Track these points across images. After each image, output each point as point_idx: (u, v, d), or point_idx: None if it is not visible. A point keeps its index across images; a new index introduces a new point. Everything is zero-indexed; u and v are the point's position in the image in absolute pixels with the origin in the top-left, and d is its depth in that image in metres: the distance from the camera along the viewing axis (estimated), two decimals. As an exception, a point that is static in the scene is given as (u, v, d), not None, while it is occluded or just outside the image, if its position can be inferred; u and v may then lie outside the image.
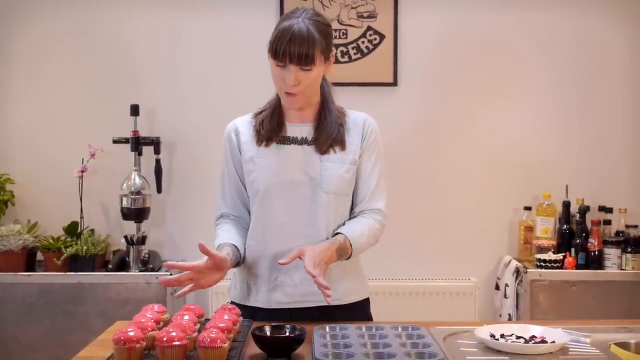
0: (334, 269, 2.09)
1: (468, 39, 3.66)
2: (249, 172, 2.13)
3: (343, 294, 2.12)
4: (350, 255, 2.08)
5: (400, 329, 1.89)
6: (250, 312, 2.12)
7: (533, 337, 1.87)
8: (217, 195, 2.23)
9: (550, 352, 1.78)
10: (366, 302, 2.22)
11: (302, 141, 2.12)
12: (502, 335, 1.87)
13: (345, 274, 2.13)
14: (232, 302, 2.19)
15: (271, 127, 2.11)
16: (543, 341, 1.83)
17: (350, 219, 2.16)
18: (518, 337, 1.87)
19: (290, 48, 1.97)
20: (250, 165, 2.13)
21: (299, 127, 2.13)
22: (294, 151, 2.11)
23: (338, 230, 2.09)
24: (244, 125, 2.18)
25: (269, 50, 2.04)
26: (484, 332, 1.87)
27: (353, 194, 2.17)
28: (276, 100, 2.16)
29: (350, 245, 2.06)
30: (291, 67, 2.00)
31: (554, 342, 1.81)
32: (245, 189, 2.17)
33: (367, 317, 2.20)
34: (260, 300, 2.13)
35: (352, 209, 2.18)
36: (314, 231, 2.07)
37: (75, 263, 3.34)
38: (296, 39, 1.97)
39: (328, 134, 2.10)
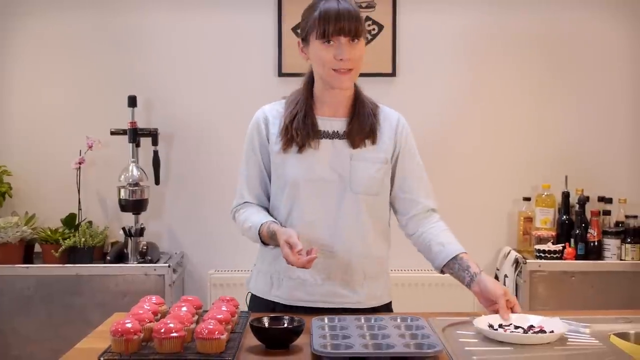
0: (356, 274, 2.09)
1: (466, 29, 3.65)
2: (277, 165, 2.10)
3: (364, 298, 2.11)
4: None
5: (399, 320, 1.89)
6: (270, 306, 2.11)
7: (531, 326, 1.87)
8: (239, 183, 2.17)
9: (549, 342, 1.78)
10: (388, 305, 2.20)
11: (334, 135, 2.09)
12: (500, 326, 1.87)
13: (369, 278, 2.11)
14: (252, 295, 2.17)
15: (306, 133, 2.06)
16: (542, 331, 1.83)
17: (425, 224, 2.21)
18: (516, 327, 1.87)
19: (341, 21, 1.99)
20: (278, 159, 2.09)
21: (330, 120, 2.10)
22: (324, 146, 2.07)
23: (462, 252, 2.17)
24: (274, 116, 2.13)
25: (312, 33, 2.01)
26: (482, 322, 1.87)
27: (408, 197, 2.17)
28: (305, 98, 2.11)
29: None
30: (342, 40, 2.00)
31: (552, 331, 1.81)
32: (270, 179, 2.14)
33: None
34: (281, 295, 2.11)
35: (394, 208, 2.20)
36: (340, 230, 2.06)
37: (73, 255, 3.33)
38: (344, 12, 1.99)
39: (362, 126, 2.09)
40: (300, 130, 2.06)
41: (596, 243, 3.41)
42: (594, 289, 3.35)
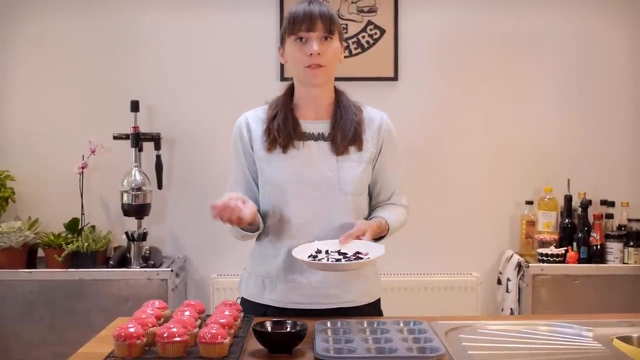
0: (349, 273, 2.08)
1: (468, 33, 3.65)
2: (263, 170, 2.11)
3: (358, 295, 2.13)
4: (382, 238, 2.12)
5: (402, 324, 1.89)
6: (261, 309, 2.11)
7: (357, 253, 1.94)
8: (227, 189, 2.19)
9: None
10: (378, 301, 2.22)
11: (319, 137, 2.10)
12: (326, 252, 1.95)
13: (361, 276, 2.12)
14: (243, 299, 2.17)
15: (288, 133, 2.08)
16: (357, 258, 1.91)
17: (376, 208, 2.20)
18: (341, 254, 1.94)
19: (310, 18, 2.02)
20: (264, 164, 2.11)
21: (313, 123, 2.11)
22: (310, 149, 2.09)
23: (380, 215, 2.13)
24: (255, 121, 2.15)
25: (285, 34, 2.07)
26: (312, 247, 1.97)
27: (376, 190, 2.20)
28: (285, 101, 2.13)
29: (388, 229, 2.11)
30: (312, 36, 2.02)
31: (368, 257, 1.90)
32: (257, 184, 2.15)
33: (379, 315, 2.20)
34: (274, 298, 2.11)
35: (369, 203, 2.21)
36: (331, 231, 2.06)
37: (76, 259, 3.33)
38: (314, 11, 2.03)
39: (344, 133, 2.09)
40: (281, 130, 2.09)
41: (599, 246, 3.40)
42: (597, 292, 3.34)
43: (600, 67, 3.67)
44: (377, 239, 2.11)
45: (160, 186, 3.57)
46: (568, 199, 3.52)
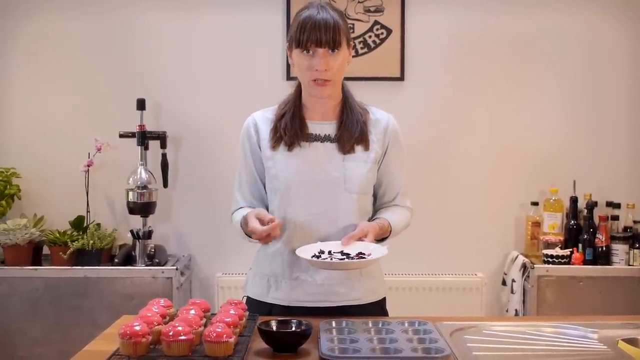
0: (355, 271, 2.09)
1: (475, 33, 3.64)
2: (269, 169, 2.12)
3: (363, 294, 2.13)
4: (384, 239, 2.13)
5: (407, 324, 1.89)
6: (267, 308, 2.11)
7: (359, 254, 1.95)
8: (234, 190, 2.22)
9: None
10: (383, 300, 2.23)
11: (325, 138, 2.11)
12: (329, 252, 1.96)
13: (366, 274, 2.13)
14: (249, 298, 2.18)
15: (294, 132, 2.09)
16: (360, 258, 1.92)
17: (380, 210, 2.21)
18: (344, 254, 1.95)
19: (317, 31, 1.99)
20: (270, 163, 2.12)
21: (320, 124, 2.12)
22: (316, 149, 2.10)
23: (383, 216, 2.14)
24: (263, 122, 2.16)
25: (292, 42, 2.05)
26: (315, 247, 1.98)
27: (381, 191, 2.20)
28: (294, 100, 2.14)
29: (390, 230, 2.12)
30: (319, 51, 2.01)
31: (369, 255, 1.92)
32: (264, 184, 2.16)
33: (384, 314, 2.21)
34: (280, 297, 2.12)
35: (374, 204, 2.21)
36: (335, 230, 2.06)
37: (82, 257, 3.34)
38: (321, 23, 2.00)
39: (351, 133, 2.10)
40: (288, 129, 2.10)
41: (604, 248, 3.40)
42: (602, 294, 3.34)
43: (605, 68, 3.67)
44: (380, 240, 2.11)
45: (165, 184, 3.57)
46: (573, 201, 3.51)
